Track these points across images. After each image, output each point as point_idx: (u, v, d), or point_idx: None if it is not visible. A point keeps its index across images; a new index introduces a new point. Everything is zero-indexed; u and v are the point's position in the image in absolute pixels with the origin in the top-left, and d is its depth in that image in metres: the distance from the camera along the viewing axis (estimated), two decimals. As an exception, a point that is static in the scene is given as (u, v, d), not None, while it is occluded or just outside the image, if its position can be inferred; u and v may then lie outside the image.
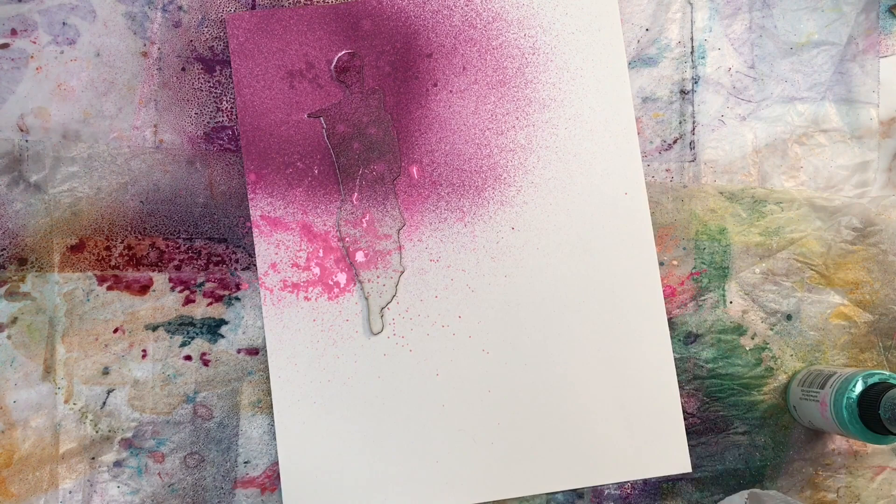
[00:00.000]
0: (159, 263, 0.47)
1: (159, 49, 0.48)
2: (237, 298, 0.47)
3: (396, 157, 0.48)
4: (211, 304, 0.47)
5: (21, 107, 0.47)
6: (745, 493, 0.45)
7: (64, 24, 0.47)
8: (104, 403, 0.46)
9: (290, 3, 0.48)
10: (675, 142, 0.49)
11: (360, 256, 0.47)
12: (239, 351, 0.47)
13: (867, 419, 0.42)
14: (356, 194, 0.47)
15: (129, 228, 0.47)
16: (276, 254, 0.47)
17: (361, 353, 0.47)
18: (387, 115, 0.47)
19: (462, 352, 0.47)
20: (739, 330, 0.49)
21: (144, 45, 0.48)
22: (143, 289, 0.47)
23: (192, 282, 0.47)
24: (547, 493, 0.47)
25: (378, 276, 0.47)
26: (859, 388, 0.43)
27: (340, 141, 0.47)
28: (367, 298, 0.47)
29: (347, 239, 0.47)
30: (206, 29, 0.48)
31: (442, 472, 0.47)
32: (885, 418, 0.41)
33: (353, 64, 0.48)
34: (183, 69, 0.48)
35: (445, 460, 0.47)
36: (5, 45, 0.47)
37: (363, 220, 0.48)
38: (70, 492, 0.46)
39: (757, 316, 0.49)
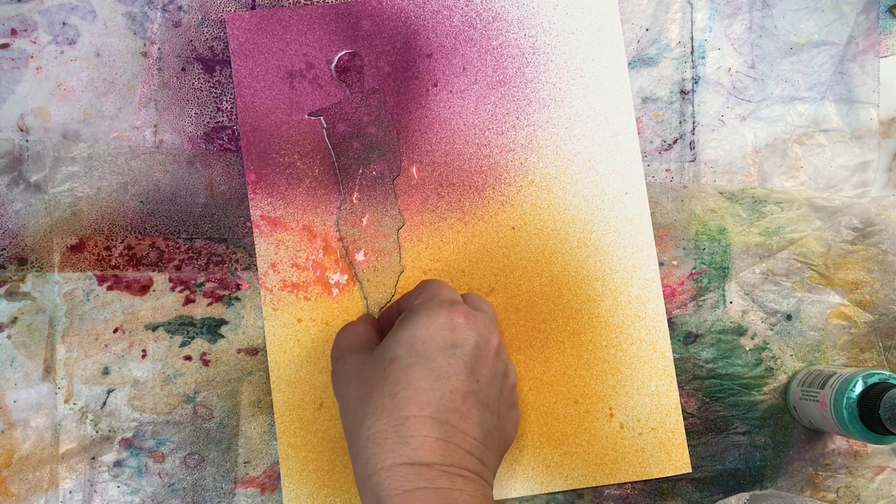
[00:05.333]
0: (159, 263, 0.47)
1: (159, 49, 0.48)
2: (237, 298, 0.47)
3: (396, 156, 0.48)
4: (211, 304, 0.47)
5: (21, 107, 0.47)
6: (744, 496, 0.45)
7: (64, 24, 0.47)
8: (104, 403, 0.46)
9: (290, 3, 0.49)
10: (675, 142, 0.49)
11: (359, 256, 0.47)
12: (239, 351, 0.47)
13: (867, 419, 0.42)
14: (356, 194, 0.47)
15: (129, 228, 0.47)
16: (276, 254, 0.47)
17: (361, 353, 0.47)
18: (387, 115, 0.47)
19: (462, 352, 0.48)
20: (739, 330, 0.49)
21: (144, 45, 0.48)
22: (143, 289, 0.47)
23: (192, 282, 0.47)
24: (547, 494, 0.47)
25: (377, 276, 0.47)
26: (859, 388, 0.43)
27: (340, 140, 0.47)
28: (366, 298, 0.47)
29: (347, 238, 0.47)
30: (206, 29, 0.48)
31: (442, 472, 0.47)
32: (885, 418, 0.41)
33: (353, 64, 0.48)
34: (183, 69, 0.48)
35: (445, 460, 0.47)
36: (5, 45, 0.47)
37: (363, 220, 0.48)
38: (70, 492, 0.46)
39: (757, 316, 0.49)
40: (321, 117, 0.47)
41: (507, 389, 0.41)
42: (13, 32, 0.47)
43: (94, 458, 0.46)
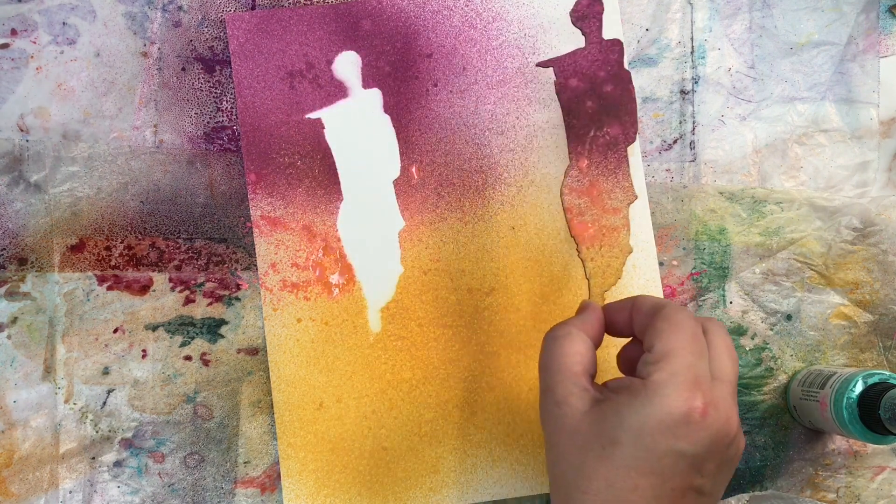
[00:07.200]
0: (159, 263, 0.47)
1: (159, 49, 0.48)
2: (237, 298, 0.47)
3: (634, 120, 0.42)
4: (211, 304, 0.47)
5: (21, 107, 0.47)
6: (744, 497, 0.45)
7: (64, 24, 0.47)
8: (104, 403, 0.46)
9: (290, 3, 0.49)
10: (675, 142, 0.49)
11: (584, 230, 0.43)
12: (239, 351, 0.47)
13: (867, 419, 0.42)
14: (585, 160, 0.42)
15: (129, 228, 0.47)
16: (276, 254, 0.47)
17: (361, 352, 0.47)
18: (627, 73, 0.42)
19: (462, 352, 0.47)
20: (739, 330, 0.49)
21: (144, 45, 0.48)
22: (143, 289, 0.47)
23: (192, 282, 0.47)
24: (547, 493, 0.47)
25: (603, 256, 0.43)
26: (859, 388, 0.43)
27: (572, 97, 0.42)
28: (588, 279, 0.42)
29: (572, 210, 0.42)
30: (206, 29, 0.48)
31: (442, 471, 0.47)
32: (885, 418, 0.41)
33: (593, 10, 0.42)
34: (183, 69, 0.48)
35: (446, 460, 0.47)
36: (5, 45, 0.47)
37: (591, 190, 0.43)
38: (70, 492, 0.46)
39: (757, 316, 0.49)
40: (552, 67, 0.42)
41: (730, 468, 0.37)
42: (13, 32, 0.47)
43: (94, 458, 0.46)
